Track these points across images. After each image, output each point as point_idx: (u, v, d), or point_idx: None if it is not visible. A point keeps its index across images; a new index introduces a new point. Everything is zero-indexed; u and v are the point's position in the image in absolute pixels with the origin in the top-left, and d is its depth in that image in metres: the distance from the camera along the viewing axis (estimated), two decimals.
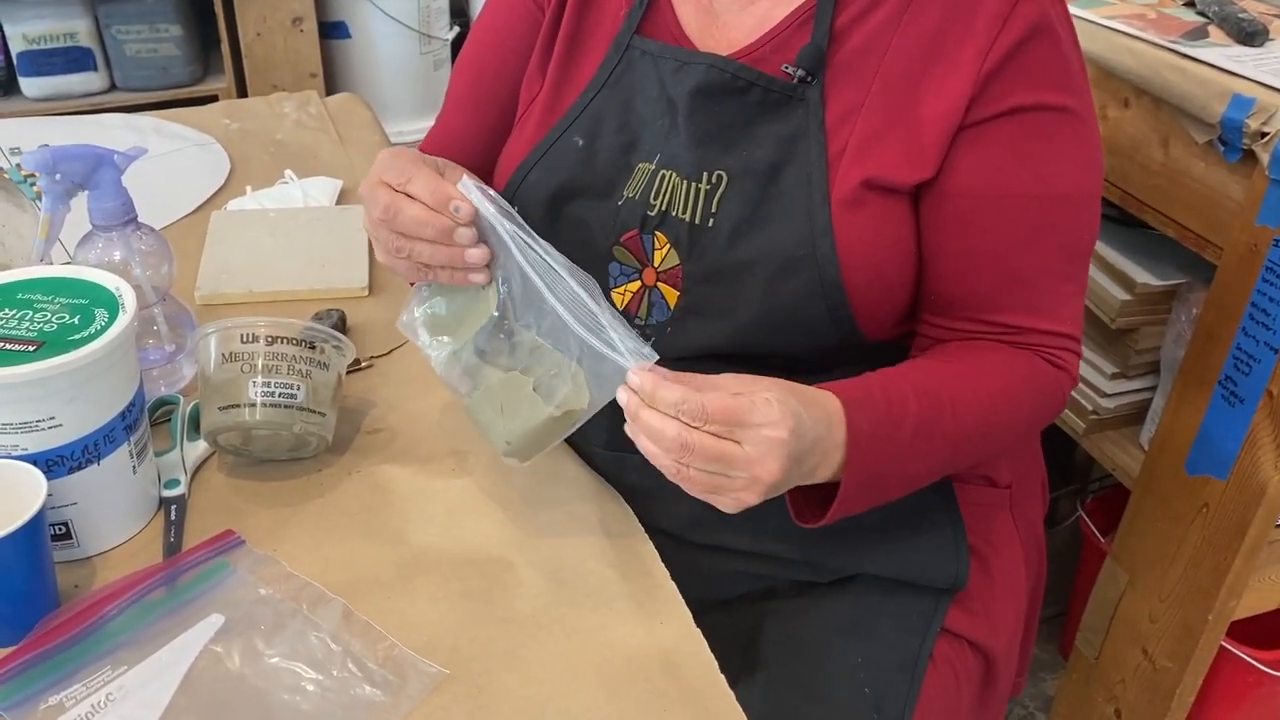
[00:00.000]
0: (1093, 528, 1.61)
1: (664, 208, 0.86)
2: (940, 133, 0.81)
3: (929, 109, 0.81)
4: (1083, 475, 1.81)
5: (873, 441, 0.76)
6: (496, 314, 0.81)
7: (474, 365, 0.83)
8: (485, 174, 1.00)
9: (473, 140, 1.00)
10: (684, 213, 0.85)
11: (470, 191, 0.79)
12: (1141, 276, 1.36)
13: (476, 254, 0.79)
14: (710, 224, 0.84)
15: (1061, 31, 0.82)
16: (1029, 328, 0.85)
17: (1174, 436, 1.26)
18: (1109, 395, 1.44)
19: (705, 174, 0.84)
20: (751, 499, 0.71)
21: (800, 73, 0.82)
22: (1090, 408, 1.44)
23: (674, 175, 0.85)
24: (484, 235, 0.80)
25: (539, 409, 0.78)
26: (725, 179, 0.84)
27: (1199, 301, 1.29)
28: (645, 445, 0.71)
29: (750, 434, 0.69)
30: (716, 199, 0.84)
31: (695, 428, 0.69)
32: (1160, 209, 1.25)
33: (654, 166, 0.86)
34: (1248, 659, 1.37)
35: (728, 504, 0.72)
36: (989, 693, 0.97)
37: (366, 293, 1.13)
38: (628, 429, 0.72)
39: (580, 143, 0.88)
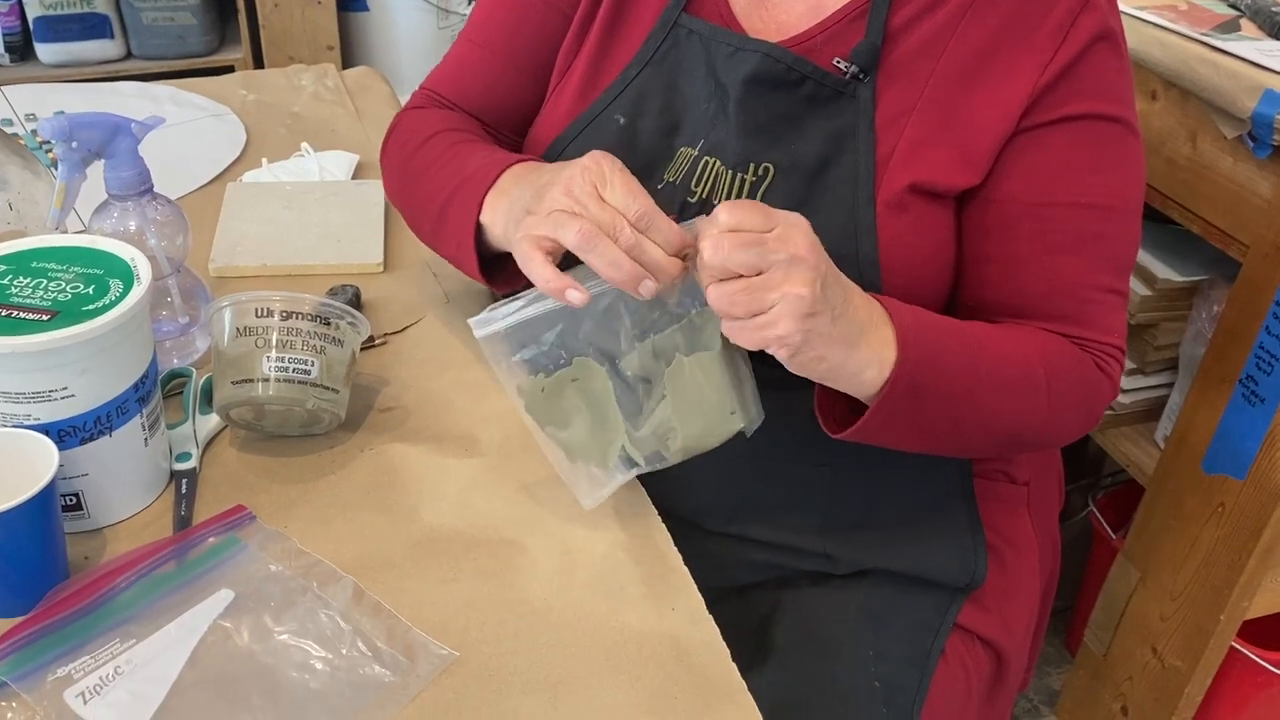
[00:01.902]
0: (1104, 523, 1.60)
1: (705, 195, 0.84)
2: (993, 140, 0.80)
3: (982, 116, 0.80)
4: (1094, 470, 1.80)
5: (918, 335, 0.74)
6: (614, 378, 0.77)
7: (650, 437, 0.78)
8: (505, 125, 0.98)
9: (501, 88, 0.98)
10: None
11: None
12: (1163, 272, 1.35)
13: (651, 286, 0.71)
14: None
15: (1120, 44, 0.82)
16: (1074, 336, 0.84)
17: (1191, 435, 1.25)
18: (1126, 391, 1.43)
19: (752, 165, 0.83)
20: (804, 283, 0.66)
21: (854, 69, 0.81)
22: None
23: (718, 163, 0.84)
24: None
25: (709, 360, 0.75)
26: (772, 172, 0.82)
27: (1220, 299, 1.27)
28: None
29: (775, 215, 0.67)
30: (761, 192, 0.83)
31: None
32: (1185, 204, 1.24)
33: (697, 152, 0.85)
34: (1257, 659, 1.37)
35: (788, 308, 0.67)
36: (998, 689, 0.97)
37: (382, 269, 1.13)
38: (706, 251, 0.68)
39: (622, 121, 0.87)
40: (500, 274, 0.89)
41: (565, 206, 0.71)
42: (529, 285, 0.83)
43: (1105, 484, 1.75)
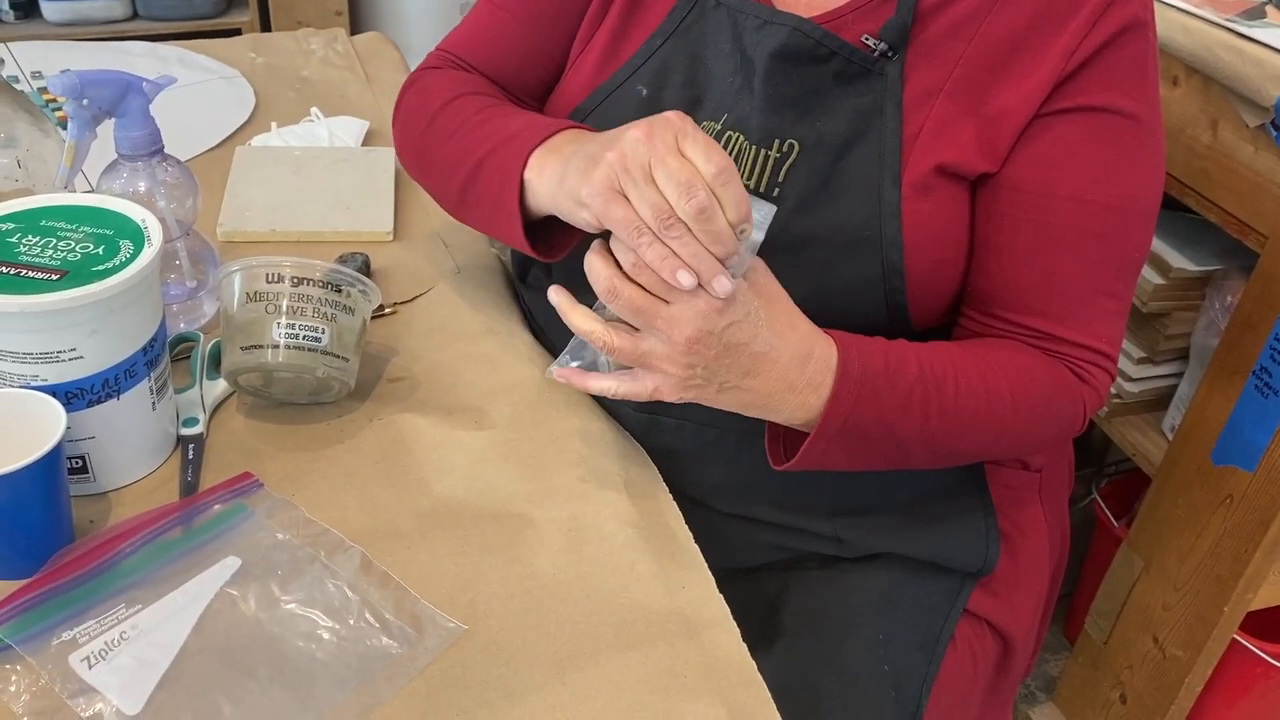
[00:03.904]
0: (1107, 512, 1.60)
1: None
2: (1013, 128, 0.79)
3: (1009, 100, 0.79)
4: (1099, 459, 1.80)
5: (860, 388, 0.75)
6: None
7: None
8: (522, 90, 0.96)
9: (519, 52, 0.95)
10: (748, 179, 0.82)
11: None
12: (1177, 261, 1.34)
13: (727, 285, 0.69)
14: (775, 194, 0.81)
15: (1150, 37, 0.80)
16: (1060, 336, 0.82)
17: (1201, 425, 1.24)
18: (1134, 380, 1.42)
19: (776, 141, 0.81)
20: (675, 373, 0.72)
21: (883, 46, 0.79)
22: (1114, 391, 1.42)
23: (742, 139, 0.82)
24: None
25: None
26: (796, 149, 0.81)
27: (1234, 289, 1.26)
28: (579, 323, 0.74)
29: (679, 295, 0.69)
30: (785, 169, 0.81)
31: (630, 279, 0.71)
32: (1203, 193, 1.22)
33: (720, 126, 0.83)
34: (1257, 651, 1.36)
35: (658, 385, 0.74)
36: (1004, 675, 0.96)
37: (391, 237, 1.11)
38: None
39: (644, 92, 0.85)
40: (542, 242, 0.84)
41: (637, 157, 0.68)
42: (569, 254, 0.83)
43: (1109, 472, 1.75)
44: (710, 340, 0.70)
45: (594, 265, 0.72)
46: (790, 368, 0.74)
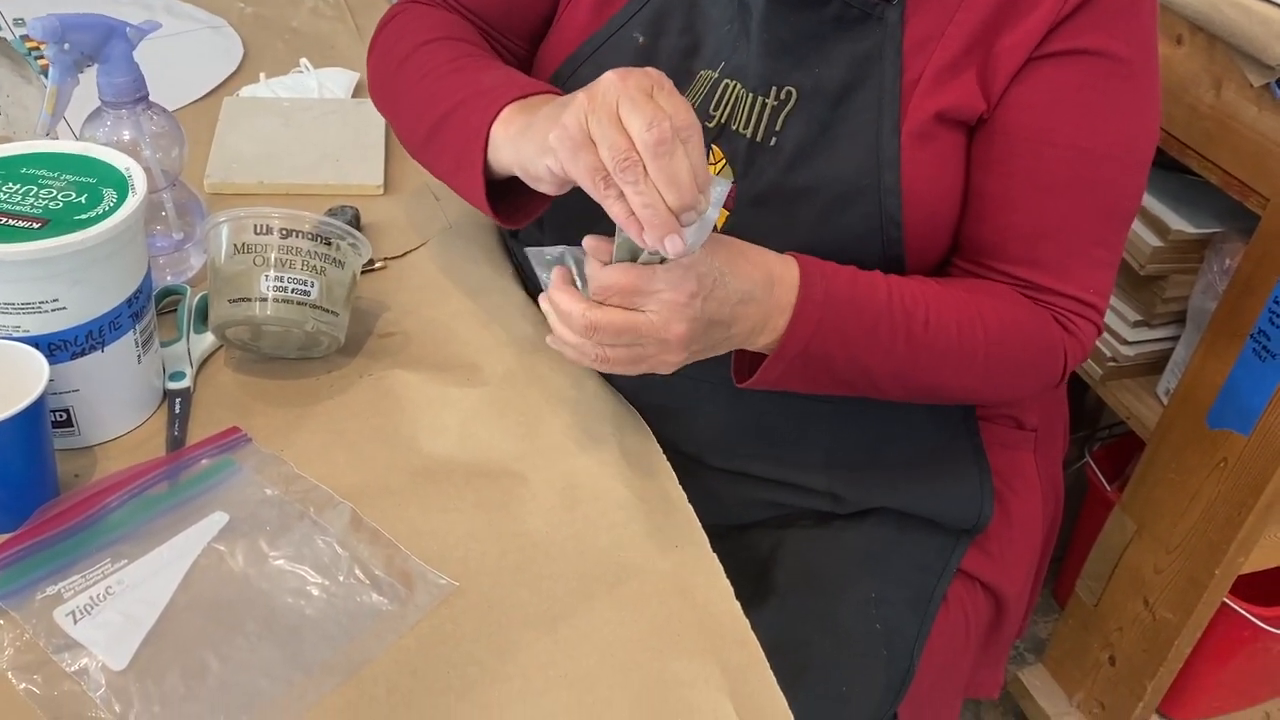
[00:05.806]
0: (1099, 475, 1.60)
1: (723, 120, 0.81)
2: (1011, 66, 0.77)
3: (1006, 43, 0.77)
4: (1091, 421, 1.80)
5: (824, 311, 0.74)
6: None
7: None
8: (508, 29, 0.93)
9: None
10: (745, 128, 0.80)
11: None
12: (1176, 223, 1.32)
13: (680, 245, 0.64)
14: (772, 143, 0.79)
15: None
16: (1047, 286, 0.81)
17: (1197, 388, 1.24)
18: (1130, 343, 1.41)
19: (774, 89, 0.80)
20: (675, 359, 0.72)
21: None
22: (1109, 354, 1.41)
23: (739, 86, 0.81)
24: None
25: None
26: (794, 96, 0.79)
27: (1233, 252, 1.25)
28: (565, 337, 0.72)
29: (650, 300, 0.68)
30: (782, 117, 0.79)
31: (600, 303, 0.69)
32: (1205, 154, 1.21)
33: (717, 75, 0.81)
34: (1245, 614, 1.37)
35: (658, 369, 0.73)
36: (996, 635, 0.96)
37: (382, 191, 1.09)
38: (549, 340, 0.74)
39: (641, 39, 0.83)
40: (503, 203, 0.82)
41: (607, 97, 0.64)
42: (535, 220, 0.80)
43: (1102, 435, 1.74)
44: (698, 324, 0.70)
45: (560, 304, 0.70)
46: (764, 301, 0.73)
